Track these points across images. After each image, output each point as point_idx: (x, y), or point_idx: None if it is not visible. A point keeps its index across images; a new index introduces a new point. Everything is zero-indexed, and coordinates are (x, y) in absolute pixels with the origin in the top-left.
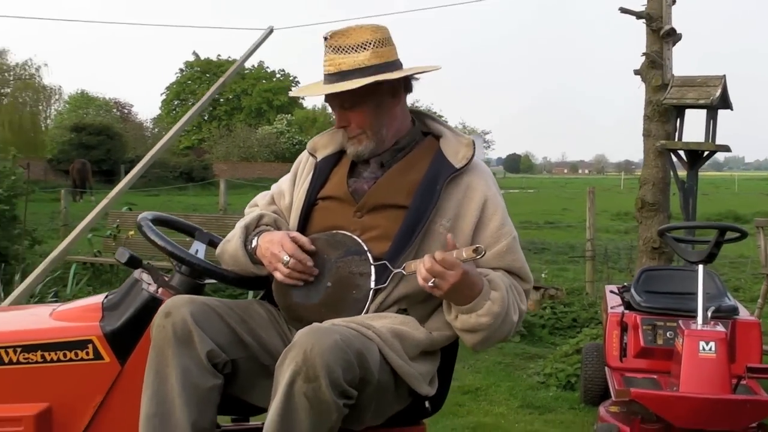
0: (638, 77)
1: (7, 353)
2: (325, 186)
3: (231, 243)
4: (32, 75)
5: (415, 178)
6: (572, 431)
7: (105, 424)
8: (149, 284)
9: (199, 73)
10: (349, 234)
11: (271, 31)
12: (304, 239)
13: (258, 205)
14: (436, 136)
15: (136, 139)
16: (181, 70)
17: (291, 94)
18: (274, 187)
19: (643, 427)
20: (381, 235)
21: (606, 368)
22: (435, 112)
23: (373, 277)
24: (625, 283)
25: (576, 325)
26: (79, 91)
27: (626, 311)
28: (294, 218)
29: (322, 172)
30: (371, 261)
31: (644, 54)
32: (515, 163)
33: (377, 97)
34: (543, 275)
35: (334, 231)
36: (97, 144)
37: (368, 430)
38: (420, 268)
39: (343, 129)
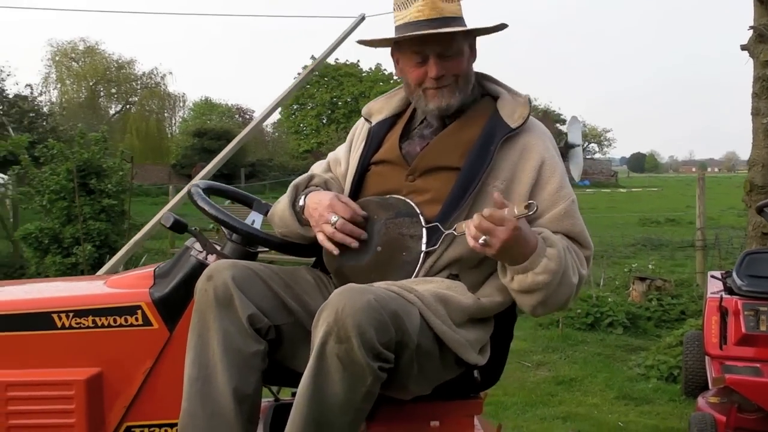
0: (745, 53)
1: (60, 318)
2: (378, 150)
3: (280, 204)
4: (158, 83)
5: (469, 139)
6: (668, 423)
7: (155, 389)
8: (199, 252)
9: (317, 77)
10: (400, 197)
11: (362, 18)
12: (350, 201)
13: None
14: (494, 98)
15: (256, 144)
16: (299, 74)
17: (374, 39)
18: (330, 155)
19: (740, 416)
20: (433, 198)
21: (705, 357)
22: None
23: (424, 240)
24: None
25: (684, 317)
26: (202, 98)
27: (726, 296)
28: (348, 184)
29: (376, 137)
30: (423, 223)
31: (751, 27)
32: (639, 162)
33: (468, 49)
34: (650, 266)
35: (387, 195)
36: (218, 148)
37: (419, 400)
38: (469, 226)
39: (433, 82)
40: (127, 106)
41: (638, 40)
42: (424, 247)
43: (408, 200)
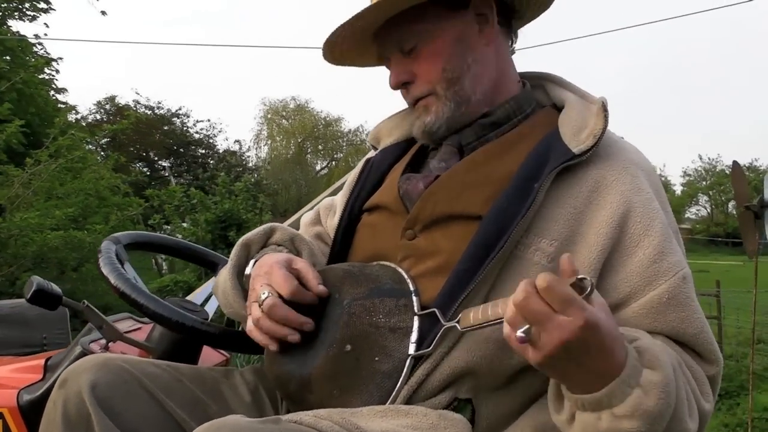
0: None
1: None
2: (377, 190)
3: (222, 272)
4: (363, 140)
5: (503, 173)
6: None
7: None
8: (96, 337)
9: None
10: (387, 264)
11: None
12: (306, 268)
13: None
14: (560, 107)
15: None
16: None
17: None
18: (325, 200)
19: None
20: (440, 266)
21: None
22: None
23: (414, 336)
24: None
25: None
26: None
27: None
28: (333, 242)
29: (376, 170)
30: (415, 308)
31: None
32: None
33: (457, 26)
34: None
35: (375, 262)
36: None
37: None
38: (508, 305)
39: (404, 90)
40: (333, 162)
41: None
42: (412, 349)
43: (398, 268)
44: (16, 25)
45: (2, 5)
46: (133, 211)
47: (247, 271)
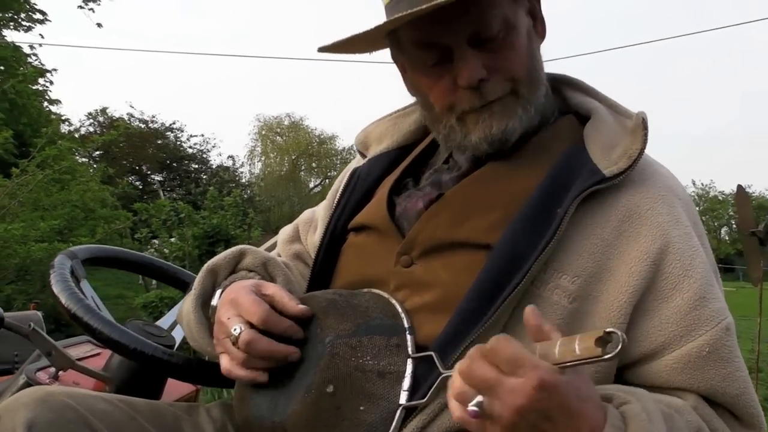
0: None
1: None
2: (365, 207)
3: (186, 300)
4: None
5: (519, 192)
6: None
7: None
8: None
9: None
10: (379, 293)
11: None
12: (279, 292)
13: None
14: (583, 118)
15: None
16: None
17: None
18: (304, 213)
19: None
20: (440, 301)
21: None
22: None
23: (406, 383)
24: None
25: None
26: None
27: None
28: (312, 263)
29: (363, 182)
30: (409, 350)
31: None
32: None
33: (523, 18)
34: None
35: (365, 290)
36: None
37: None
38: (453, 377)
39: (469, 93)
40: (326, 180)
41: None
42: (403, 398)
43: (391, 299)
44: (10, 34)
45: None
46: (121, 225)
47: (213, 302)
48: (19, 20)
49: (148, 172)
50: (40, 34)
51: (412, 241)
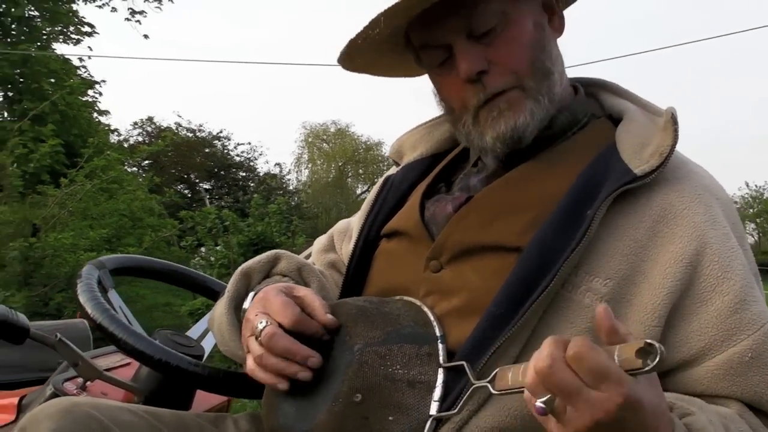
0: None
1: None
2: (397, 212)
3: (219, 305)
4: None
5: (549, 195)
6: None
7: None
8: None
9: None
10: (411, 300)
11: None
12: (311, 296)
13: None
14: (617, 120)
15: None
16: None
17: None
18: (340, 223)
19: None
20: (468, 306)
21: None
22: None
23: (437, 392)
24: None
25: None
26: None
27: None
28: (345, 271)
29: (397, 189)
30: (441, 359)
31: None
32: None
33: (533, 11)
34: None
35: (397, 297)
36: None
37: None
38: (527, 372)
39: (471, 87)
40: (373, 186)
41: None
42: (434, 409)
43: (423, 307)
44: (60, 48)
45: (47, 29)
46: (167, 233)
47: (246, 304)
48: (68, 33)
49: (197, 181)
50: (89, 47)
51: (441, 246)
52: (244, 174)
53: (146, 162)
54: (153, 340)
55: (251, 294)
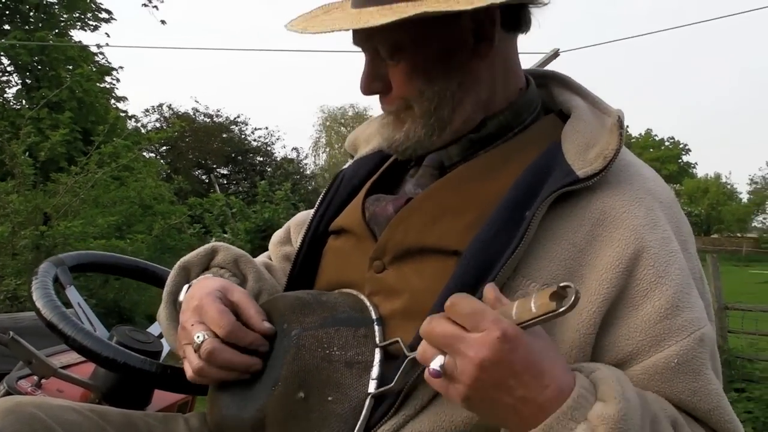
0: None
1: None
2: (344, 209)
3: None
4: None
5: (489, 195)
6: None
7: None
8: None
9: None
10: (350, 291)
11: (556, 54)
12: (245, 301)
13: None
14: (566, 117)
15: None
16: None
17: (288, 28)
18: (298, 215)
19: None
20: (411, 308)
21: None
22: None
23: (375, 372)
24: None
25: None
26: None
27: None
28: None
29: (347, 185)
30: (377, 339)
31: None
32: None
33: (447, 37)
34: None
35: (336, 291)
36: None
37: None
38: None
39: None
40: None
41: None
42: (372, 387)
43: (359, 295)
44: (78, 34)
45: (65, 15)
46: (176, 220)
47: (180, 297)
48: (86, 20)
49: (214, 166)
50: (106, 33)
51: (383, 247)
52: (261, 159)
53: (164, 148)
54: (101, 338)
55: (185, 287)
